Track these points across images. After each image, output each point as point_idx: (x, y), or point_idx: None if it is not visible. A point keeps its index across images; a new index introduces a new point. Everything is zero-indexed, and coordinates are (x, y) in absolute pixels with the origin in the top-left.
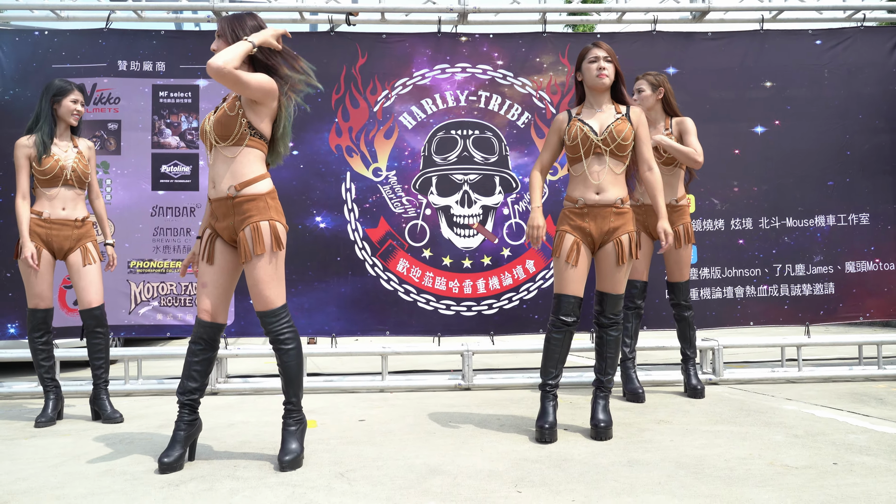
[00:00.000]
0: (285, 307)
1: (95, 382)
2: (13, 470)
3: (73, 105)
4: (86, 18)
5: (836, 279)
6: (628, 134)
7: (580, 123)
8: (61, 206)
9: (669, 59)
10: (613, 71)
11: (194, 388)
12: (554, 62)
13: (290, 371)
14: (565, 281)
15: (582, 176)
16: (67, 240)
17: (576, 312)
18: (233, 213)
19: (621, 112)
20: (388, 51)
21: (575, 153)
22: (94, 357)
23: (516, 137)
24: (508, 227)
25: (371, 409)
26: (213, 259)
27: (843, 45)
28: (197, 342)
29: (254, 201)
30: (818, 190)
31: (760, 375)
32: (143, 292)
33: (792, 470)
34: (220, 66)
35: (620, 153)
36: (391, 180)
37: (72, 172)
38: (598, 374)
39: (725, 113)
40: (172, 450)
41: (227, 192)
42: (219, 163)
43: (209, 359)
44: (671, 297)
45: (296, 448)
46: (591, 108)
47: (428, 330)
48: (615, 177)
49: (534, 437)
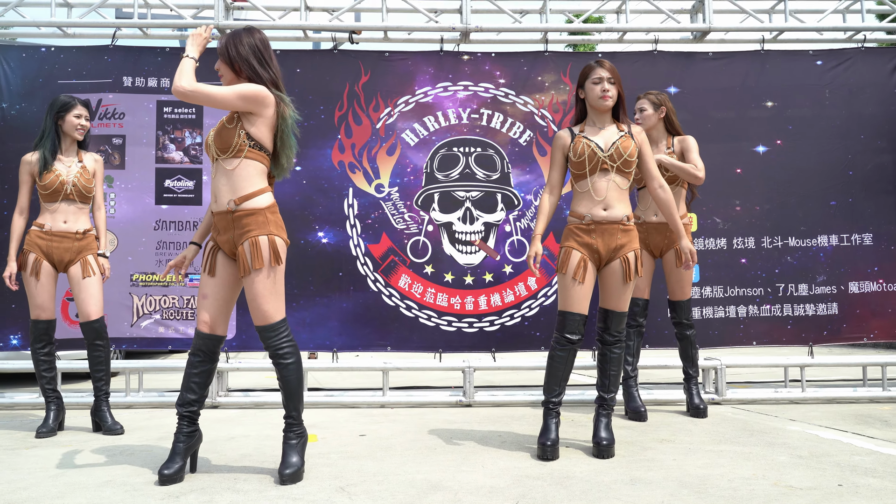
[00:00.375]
0: (284, 321)
1: (96, 394)
2: (14, 479)
3: (76, 120)
4: (92, 35)
5: (840, 299)
6: (634, 151)
7: (586, 140)
8: (63, 220)
9: (670, 78)
10: (616, 92)
11: (193, 399)
12: (555, 81)
13: (290, 385)
14: (571, 298)
15: (587, 192)
16: (68, 252)
17: (581, 330)
18: (233, 226)
19: (623, 130)
20: (391, 69)
21: (580, 169)
22: (94, 369)
23: (518, 155)
24: (510, 243)
25: (372, 424)
26: (215, 271)
27: (843, 65)
28: (196, 354)
29: (253, 216)
30: (821, 210)
31: (763, 396)
32: (145, 305)
33: (796, 491)
34: (182, 89)
35: (626, 169)
36: (393, 196)
37: (72, 187)
38: (600, 391)
39: (727, 132)
40: (173, 462)
41: (227, 205)
42: (219, 176)
43: (208, 370)
44: (673, 316)
45: (296, 462)
46: (594, 126)
47: (429, 346)
48: (620, 193)
49: (535, 455)
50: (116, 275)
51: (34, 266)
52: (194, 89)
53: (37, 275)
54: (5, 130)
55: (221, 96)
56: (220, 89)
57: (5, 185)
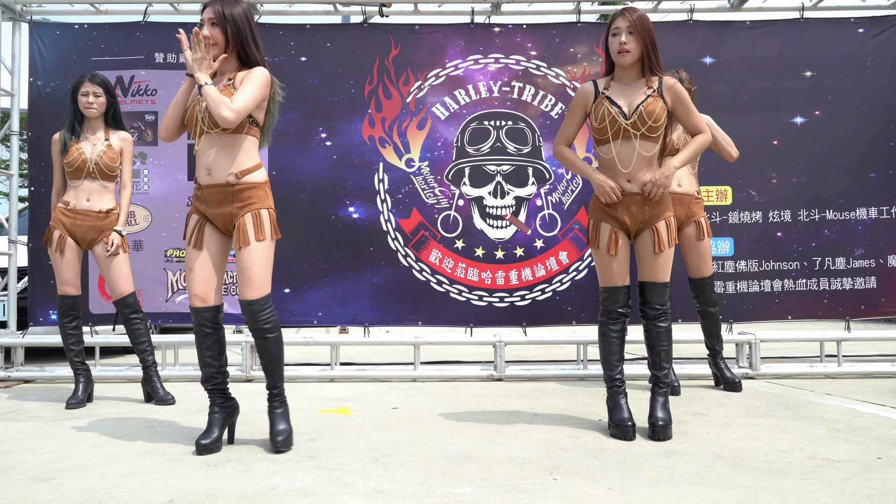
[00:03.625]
0: (271, 296)
1: (144, 366)
2: (57, 449)
3: (83, 98)
4: (124, 12)
5: (878, 273)
6: (660, 114)
7: (608, 103)
8: (86, 198)
9: (706, 48)
10: (638, 44)
11: (213, 373)
12: (588, 52)
13: (273, 358)
14: (610, 272)
15: (610, 160)
16: (91, 230)
17: (627, 302)
18: (230, 200)
19: (653, 86)
20: (421, 42)
21: (602, 135)
22: (136, 343)
23: (549, 128)
24: (542, 218)
25: (404, 397)
26: (202, 244)
27: (886, 33)
28: (199, 330)
29: (254, 189)
30: (860, 182)
31: (799, 370)
32: (179, 280)
33: (834, 463)
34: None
35: (652, 135)
36: (424, 171)
37: (94, 165)
38: (652, 369)
39: (764, 103)
40: (210, 432)
41: (227, 179)
42: (215, 149)
43: (217, 341)
44: (695, 294)
45: (286, 428)
46: (620, 83)
47: (460, 320)
48: (647, 160)
49: (610, 435)
50: (151, 250)
51: (59, 243)
52: (239, 111)
53: (61, 251)
54: (40, 107)
55: (255, 99)
56: (252, 94)
57: (41, 163)
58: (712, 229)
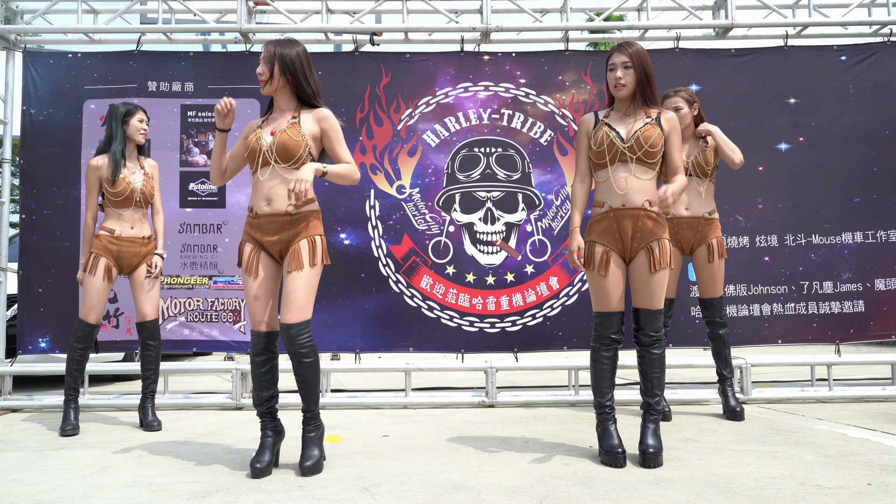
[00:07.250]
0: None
1: (144, 391)
2: (44, 480)
3: (139, 124)
4: (117, 41)
5: (866, 297)
6: (657, 140)
7: (606, 128)
8: (130, 226)
9: (692, 75)
10: (633, 78)
11: (269, 396)
12: (576, 80)
13: (309, 382)
14: (601, 296)
15: (607, 183)
16: (136, 256)
17: (620, 328)
18: (288, 228)
19: (651, 116)
20: (412, 70)
21: (600, 159)
22: (145, 367)
23: (539, 155)
24: (532, 243)
25: (395, 424)
26: (259, 272)
27: (868, 60)
28: (260, 354)
29: (309, 217)
30: (844, 207)
31: (790, 395)
32: (170, 308)
33: (824, 490)
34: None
35: (648, 160)
36: (415, 197)
37: (140, 195)
38: (644, 396)
39: (749, 130)
40: (262, 455)
41: (287, 209)
42: (277, 182)
43: (274, 366)
44: (705, 315)
45: (317, 454)
46: (619, 112)
47: (451, 346)
48: (642, 184)
49: (601, 462)
50: None
51: (105, 270)
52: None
53: (108, 279)
54: (33, 135)
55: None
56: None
57: (33, 190)
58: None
